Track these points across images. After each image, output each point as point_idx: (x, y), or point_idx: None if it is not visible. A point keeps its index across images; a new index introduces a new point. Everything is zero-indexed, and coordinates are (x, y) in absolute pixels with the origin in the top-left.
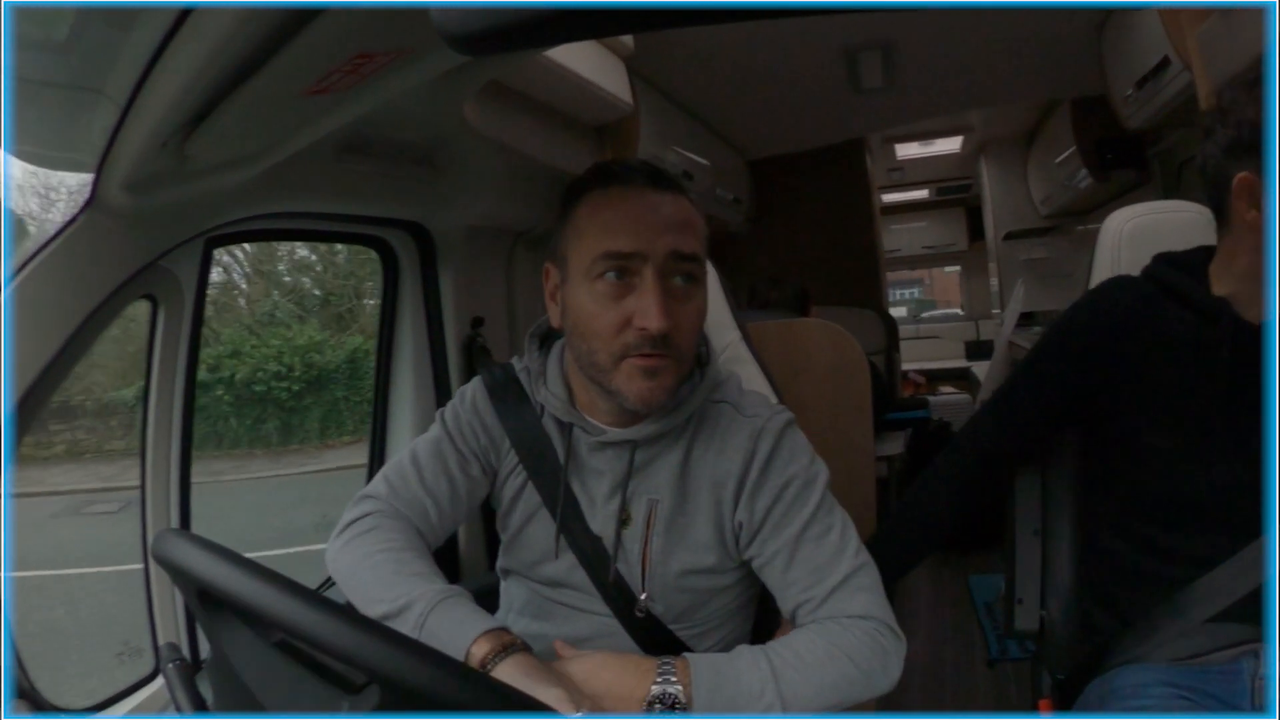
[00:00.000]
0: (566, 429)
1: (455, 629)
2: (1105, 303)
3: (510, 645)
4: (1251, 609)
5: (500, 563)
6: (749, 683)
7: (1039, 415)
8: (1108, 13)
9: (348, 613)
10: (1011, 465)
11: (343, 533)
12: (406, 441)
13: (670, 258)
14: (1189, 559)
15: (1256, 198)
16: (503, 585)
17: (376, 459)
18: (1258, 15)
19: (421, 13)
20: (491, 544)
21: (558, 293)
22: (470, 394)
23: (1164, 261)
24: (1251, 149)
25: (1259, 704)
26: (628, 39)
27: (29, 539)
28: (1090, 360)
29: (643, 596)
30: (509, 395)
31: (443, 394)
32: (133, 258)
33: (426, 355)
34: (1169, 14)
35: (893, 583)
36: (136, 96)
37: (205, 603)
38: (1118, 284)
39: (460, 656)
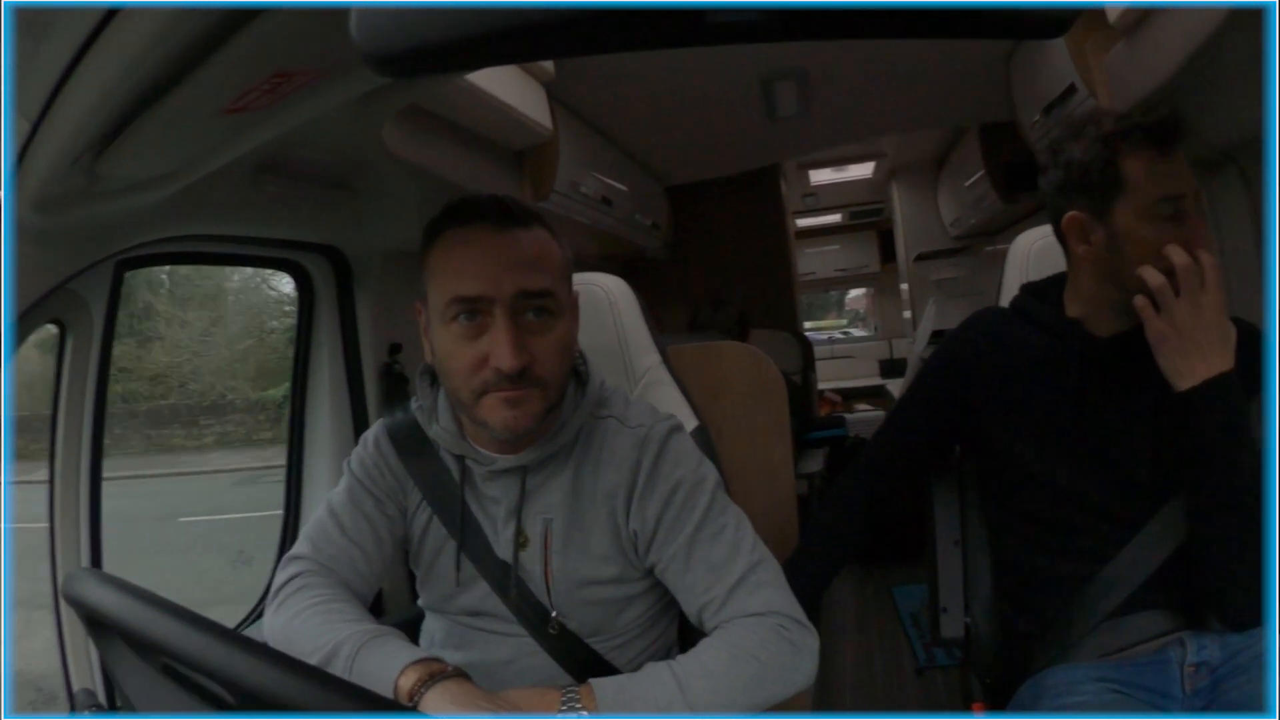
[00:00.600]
0: (459, 462)
1: (383, 663)
2: (973, 330)
3: (438, 674)
4: (1173, 597)
5: (420, 600)
6: (656, 698)
7: (925, 433)
8: (1016, 42)
9: (215, 628)
10: (910, 480)
11: (274, 598)
12: (324, 470)
13: (518, 297)
14: (1080, 555)
15: (1084, 234)
16: (424, 622)
17: (294, 489)
18: (1162, 43)
19: (342, 33)
20: (411, 580)
21: (428, 330)
22: (373, 438)
23: (1026, 291)
24: (1079, 189)
25: (1190, 690)
26: (549, 65)
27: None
28: (962, 381)
29: (553, 614)
30: (410, 436)
31: (360, 421)
32: (39, 281)
33: (343, 381)
34: (1075, 42)
35: (816, 598)
36: (48, 111)
37: (105, 639)
38: (985, 314)
39: (389, 691)
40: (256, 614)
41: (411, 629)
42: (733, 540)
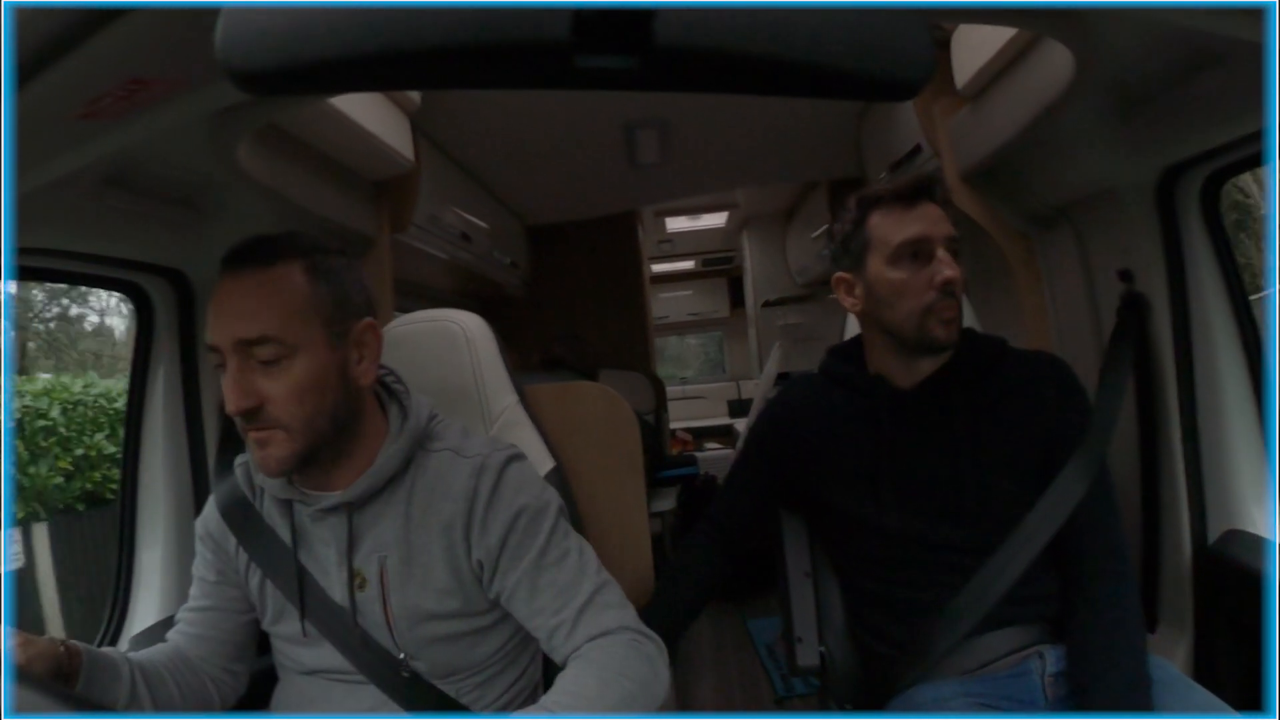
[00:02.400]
0: (287, 507)
1: None
2: (790, 397)
3: None
4: (1029, 612)
5: (275, 658)
6: None
7: (759, 489)
8: (869, 103)
9: None
10: (755, 528)
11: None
12: (159, 511)
13: (238, 345)
14: (932, 585)
15: (850, 289)
16: (277, 688)
17: (127, 528)
18: (1002, 110)
19: (205, 44)
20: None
21: None
22: (206, 509)
23: (831, 354)
24: (842, 253)
25: (1052, 698)
26: (415, 95)
27: None
28: (784, 447)
29: (401, 656)
30: (235, 499)
31: (198, 463)
32: None
33: (181, 412)
34: (923, 105)
35: (675, 640)
36: None
37: None
38: (796, 381)
39: None
40: None
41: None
42: (578, 565)
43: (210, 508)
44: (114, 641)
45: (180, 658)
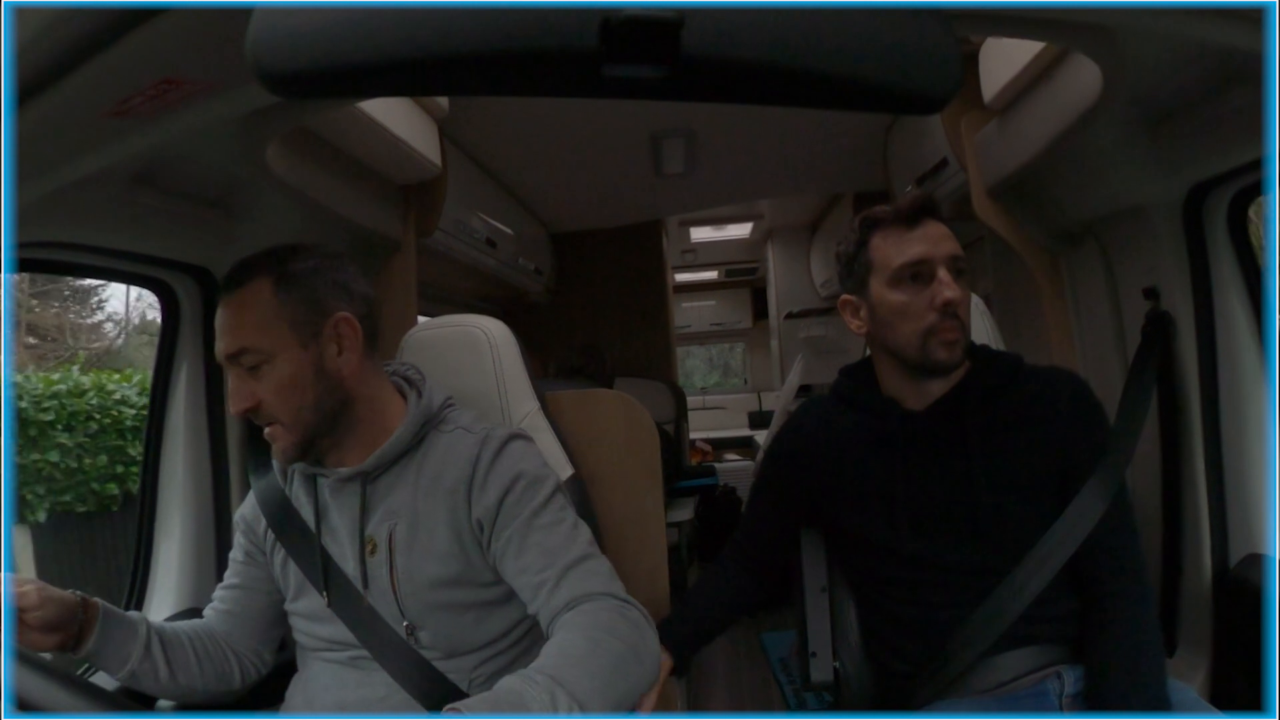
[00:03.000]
0: (312, 482)
1: None
2: (800, 421)
3: None
4: (1048, 631)
5: (296, 638)
6: (532, 699)
7: (779, 510)
8: (896, 116)
9: None
10: (780, 552)
11: None
12: (177, 506)
13: (228, 357)
14: (949, 604)
15: (855, 311)
16: (297, 675)
17: (146, 521)
18: (1030, 125)
19: (237, 46)
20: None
21: None
22: (247, 498)
23: (843, 374)
24: (846, 275)
25: None
26: (443, 101)
27: None
28: (801, 471)
29: (405, 623)
30: (270, 485)
31: (219, 459)
32: None
33: (204, 408)
34: (951, 119)
35: (689, 651)
36: None
37: None
38: (809, 404)
39: None
40: None
41: None
42: (569, 533)
43: (249, 496)
44: None
45: (206, 630)
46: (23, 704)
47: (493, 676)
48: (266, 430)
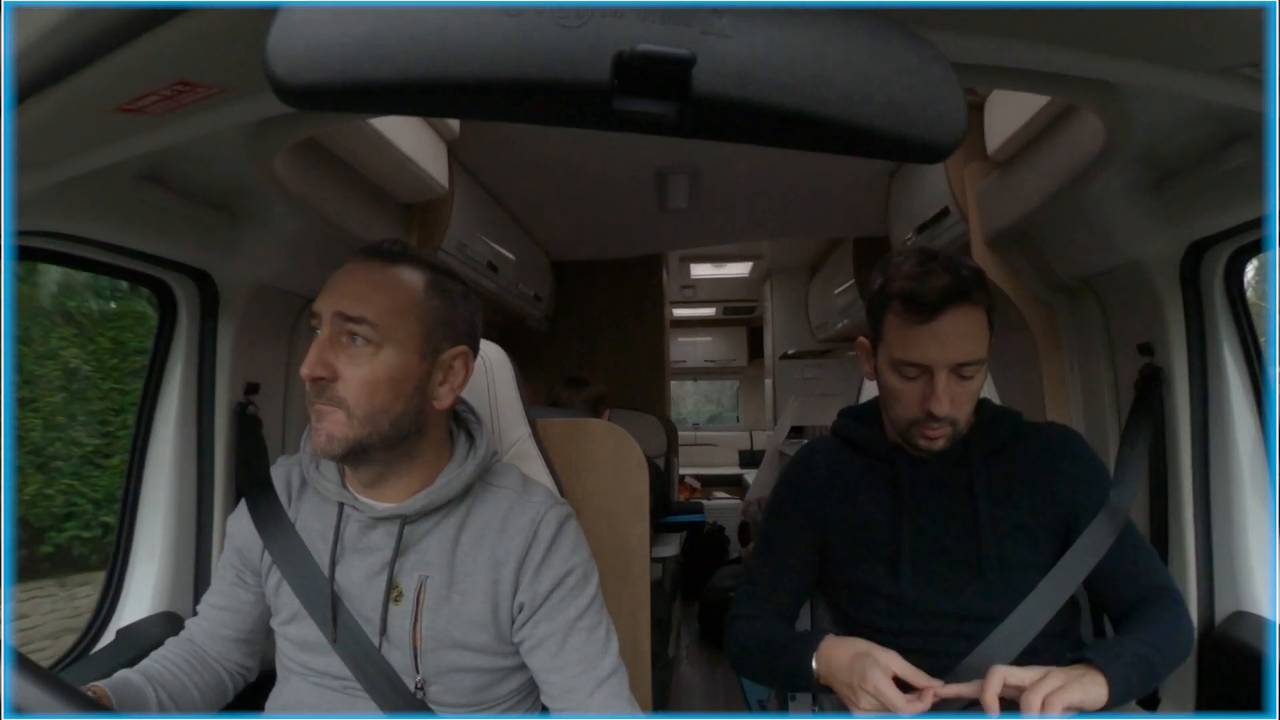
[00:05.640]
0: (336, 510)
1: None
2: (812, 457)
3: None
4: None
5: (281, 660)
6: None
7: (797, 561)
8: (899, 163)
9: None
10: (802, 597)
11: None
12: (159, 509)
13: (336, 315)
14: (937, 653)
15: (868, 357)
16: (275, 689)
17: (127, 520)
18: (1034, 174)
19: (253, 53)
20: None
21: None
22: (238, 509)
23: (845, 415)
24: (869, 319)
25: None
26: (454, 122)
27: None
28: (804, 506)
29: (418, 678)
30: (267, 500)
31: (206, 464)
32: None
33: (193, 415)
34: (954, 169)
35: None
36: None
37: None
38: (814, 446)
39: None
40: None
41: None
42: (605, 640)
43: (241, 507)
44: (101, 630)
45: (196, 655)
46: (19, 711)
47: None
48: (321, 407)
